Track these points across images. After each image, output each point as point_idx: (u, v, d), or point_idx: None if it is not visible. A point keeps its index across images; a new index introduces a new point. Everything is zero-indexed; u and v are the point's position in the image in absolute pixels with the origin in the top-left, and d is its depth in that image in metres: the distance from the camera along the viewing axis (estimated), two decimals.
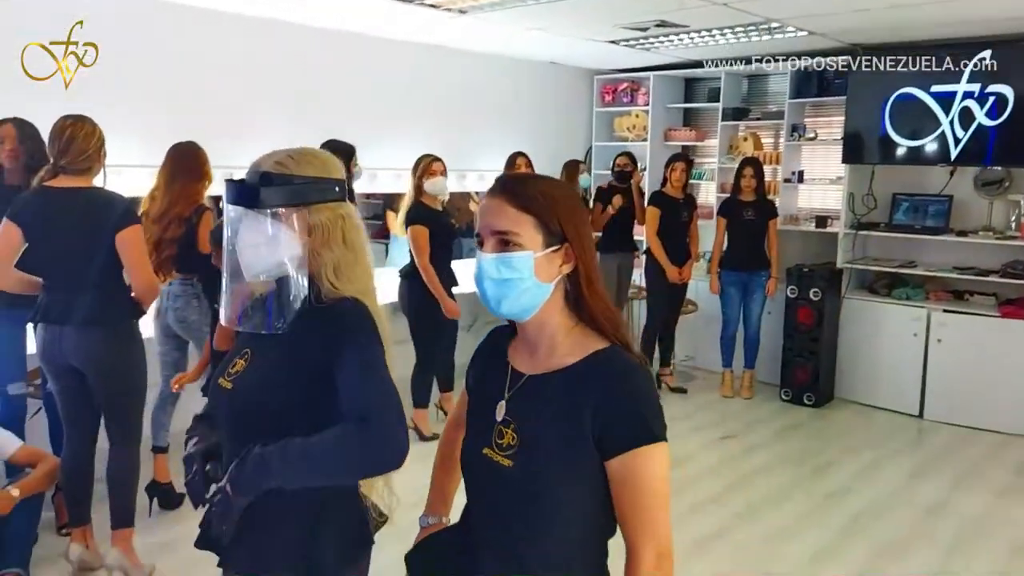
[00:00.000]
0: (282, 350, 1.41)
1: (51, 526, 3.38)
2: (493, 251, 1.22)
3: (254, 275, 1.40)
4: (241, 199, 1.38)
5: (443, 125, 5.53)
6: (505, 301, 1.22)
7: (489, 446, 1.25)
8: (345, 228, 1.43)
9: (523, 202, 1.21)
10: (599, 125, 6.80)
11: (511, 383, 1.29)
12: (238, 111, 4.47)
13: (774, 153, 6.00)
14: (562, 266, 1.23)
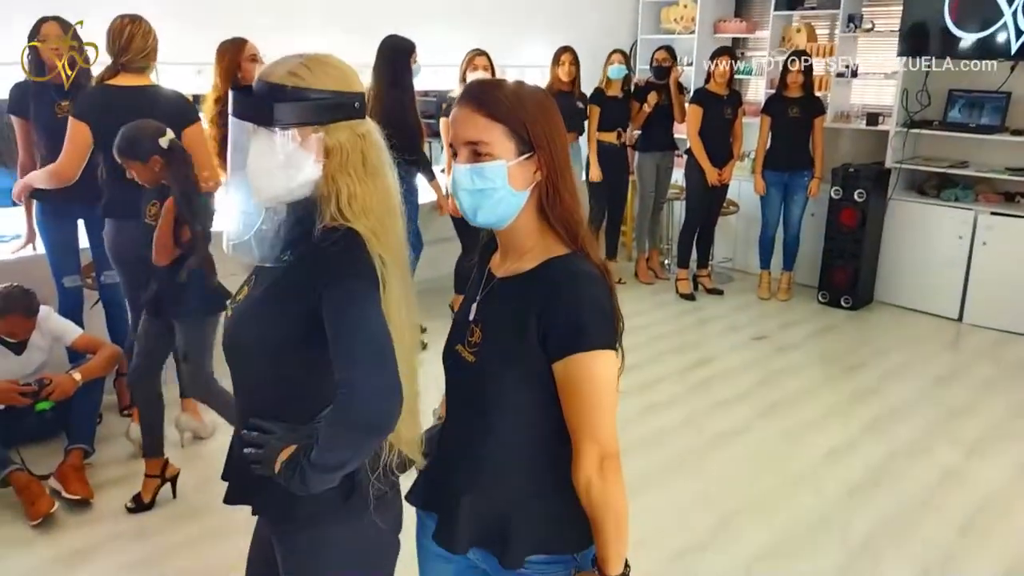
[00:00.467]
0: (274, 282, 1.30)
1: (114, 408, 3.68)
2: (466, 162, 1.22)
3: (262, 202, 1.26)
4: (250, 114, 1.23)
5: (482, 18, 5.41)
6: (481, 211, 1.24)
7: (461, 343, 1.32)
8: (365, 149, 1.26)
9: (492, 110, 1.20)
10: (645, 17, 6.56)
11: (484, 285, 1.34)
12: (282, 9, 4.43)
13: (828, 45, 5.75)
14: (536, 172, 1.23)
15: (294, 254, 1.28)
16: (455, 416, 1.38)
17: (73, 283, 3.53)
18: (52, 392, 3.00)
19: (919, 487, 3.19)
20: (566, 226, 1.26)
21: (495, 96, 1.22)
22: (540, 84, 5.34)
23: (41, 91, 3.27)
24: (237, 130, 1.26)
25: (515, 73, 5.77)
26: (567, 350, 1.20)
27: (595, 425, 1.22)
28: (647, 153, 5.57)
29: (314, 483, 1.22)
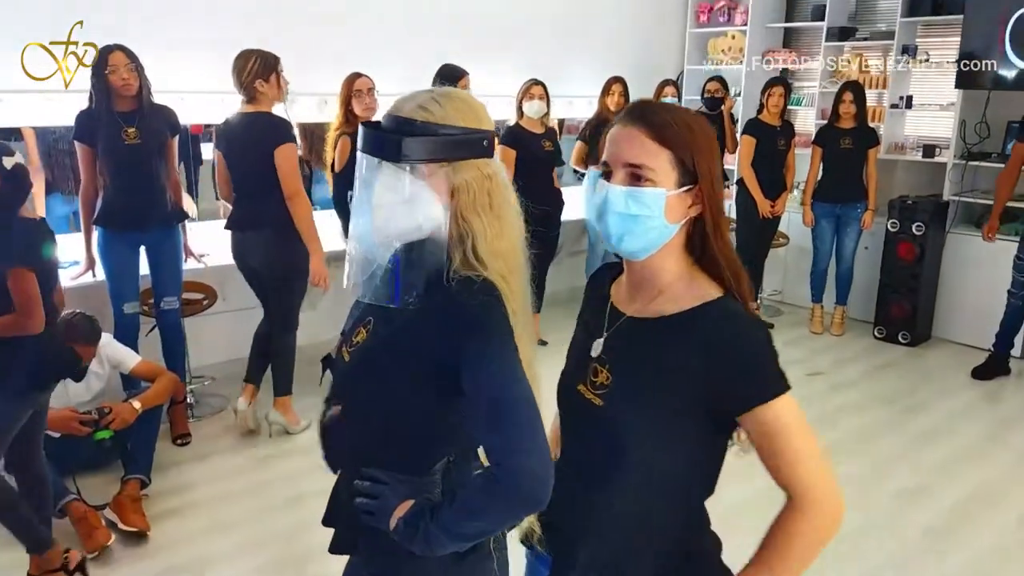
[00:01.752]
0: (402, 328, 1.20)
1: (166, 437, 3.65)
2: (623, 183, 1.15)
3: (386, 239, 1.17)
4: (377, 148, 1.15)
5: (530, 49, 5.40)
6: (628, 237, 1.16)
7: (584, 382, 1.24)
8: (491, 189, 1.18)
9: (662, 135, 1.14)
10: (692, 47, 6.54)
11: (610, 321, 1.25)
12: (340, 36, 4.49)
13: (881, 76, 5.67)
14: (691, 207, 1.17)
15: (422, 301, 1.17)
16: (573, 459, 1.28)
17: (133, 309, 3.54)
18: (112, 421, 2.98)
19: (998, 533, 3.05)
20: (723, 267, 1.19)
21: (666, 120, 1.15)
22: (588, 115, 5.36)
23: (109, 118, 3.30)
24: (364, 165, 1.18)
25: (563, 104, 5.77)
26: (752, 402, 1.12)
27: (798, 474, 1.14)
28: None
29: (442, 546, 1.14)
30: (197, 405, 3.97)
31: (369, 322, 1.27)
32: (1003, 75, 4.85)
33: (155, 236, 3.54)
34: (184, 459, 3.51)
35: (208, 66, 4.04)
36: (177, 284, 3.66)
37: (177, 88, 3.84)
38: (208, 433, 3.75)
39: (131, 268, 3.53)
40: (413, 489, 1.19)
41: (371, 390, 1.22)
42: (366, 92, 4.00)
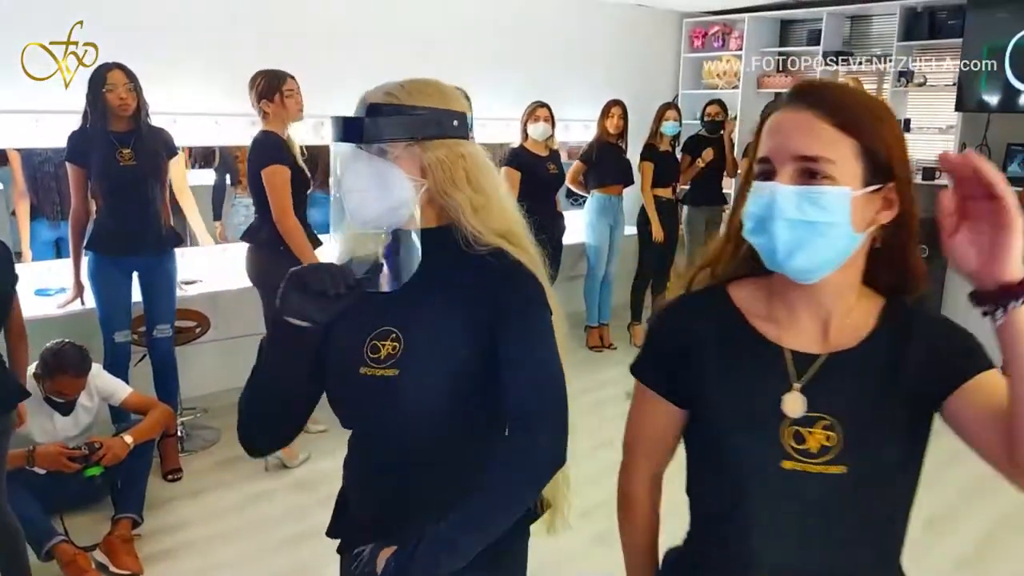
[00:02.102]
0: (449, 314, 1.15)
1: (158, 471, 3.47)
2: (794, 182, 0.90)
3: (361, 224, 1.15)
4: (345, 133, 1.14)
5: (526, 73, 5.37)
6: (801, 251, 0.90)
7: (788, 457, 0.95)
8: (467, 168, 1.16)
9: (844, 118, 0.90)
10: (687, 72, 6.53)
11: (797, 366, 0.98)
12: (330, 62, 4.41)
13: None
14: (879, 212, 0.93)
15: (453, 278, 1.16)
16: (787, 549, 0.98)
17: (125, 338, 3.38)
18: (103, 457, 2.81)
19: None
20: (911, 288, 0.99)
21: (848, 101, 0.91)
22: (584, 138, 5.30)
23: (104, 138, 3.17)
24: (336, 157, 1.17)
25: (559, 128, 5.70)
26: (975, 370, 0.94)
27: None
28: (697, 207, 5.46)
29: (470, 549, 1.08)
30: (188, 438, 3.79)
31: (389, 332, 1.18)
32: (1003, 97, 4.85)
33: (149, 261, 3.39)
34: (176, 496, 3.33)
35: (202, 87, 3.95)
36: (171, 311, 3.50)
37: (170, 110, 3.73)
38: (200, 467, 3.58)
39: (123, 295, 3.37)
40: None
41: (436, 396, 1.14)
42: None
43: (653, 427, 1.10)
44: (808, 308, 0.99)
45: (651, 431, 1.11)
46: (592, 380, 4.83)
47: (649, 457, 1.13)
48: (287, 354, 1.16)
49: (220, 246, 4.31)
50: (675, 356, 1.04)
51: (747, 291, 1.03)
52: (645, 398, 1.09)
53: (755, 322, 1.01)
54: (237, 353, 4.12)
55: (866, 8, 5.70)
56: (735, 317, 1.02)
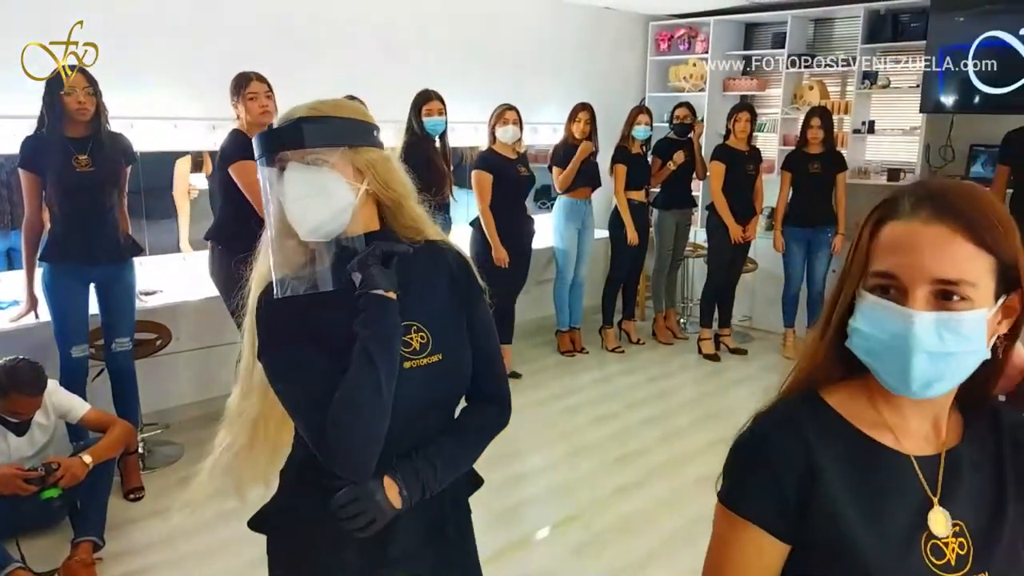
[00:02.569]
0: (442, 303, 1.32)
1: (119, 491, 3.34)
2: (931, 308, 0.82)
3: (309, 231, 1.20)
4: (281, 143, 1.19)
5: (492, 76, 5.32)
6: (939, 384, 0.84)
7: (935, 567, 0.87)
8: (393, 169, 1.28)
9: (982, 235, 0.82)
10: (653, 75, 6.53)
11: (927, 476, 0.90)
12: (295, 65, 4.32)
13: (842, 102, 5.72)
14: (1000, 322, 0.87)
15: (430, 269, 1.31)
16: None
17: (82, 352, 3.23)
18: (61, 478, 2.68)
19: None
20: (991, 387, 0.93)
21: (984, 213, 0.83)
22: (553, 140, 5.26)
23: (59, 144, 3.04)
24: (267, 177, 1.22)
25: (528, 131, 5.66)
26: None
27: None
28: (667, 211, 5.45)
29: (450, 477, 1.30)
30: (150, 455, 3.65)
31: (410, 328, 1.27)
32: (966, 99, 4.91)
33: (106, 272, 3.26)
34: (138, 516, 3.20)
35: (160, 91, 3.83)
36: (130, 324, 3.38)
37: (127, 114, 3.60)
38: (163, 486, 3.45)
39: (80, 307, 3.24)
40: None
41: (462, 378, 1.33)
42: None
43: (748, 572, 0.92)
44: (920, 414, 0.91)
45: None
46: (564, 385, 4.79)
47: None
48: (395, 334, 1.22)
49: (180, 255, 4.18)
50: (789, 479, 0.88)
51: (846, 397, 0.92)
52: (742, 536, 0.91)
53: (870, 431, 0.91)
54: (200, 365, 4.00)
55: (830, 11, 5.74)
56: (847, 428, 0.91)
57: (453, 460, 1.30)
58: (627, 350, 5.44)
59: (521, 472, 3.69)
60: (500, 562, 2.94)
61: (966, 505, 0.89)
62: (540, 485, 3.61)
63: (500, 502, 3.33)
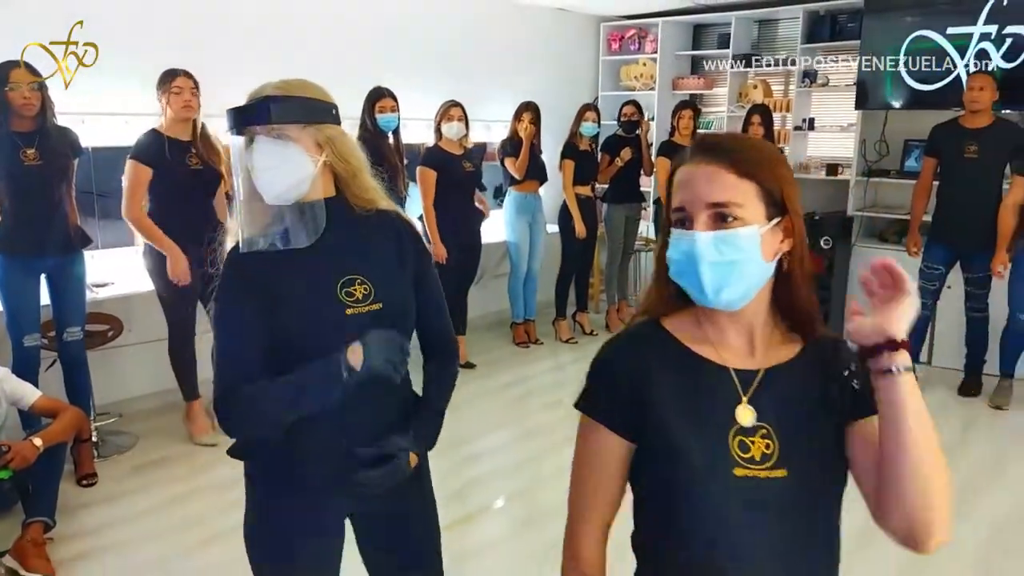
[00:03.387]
0: (389, 261, 1.48)
1: (69, 478, 3.39)
2: (709, 228, 1.01)
3: (274, 198, 1.38)
4: (250, 119, 1.36)
5: (448, 73, 5.43)
6: (726, 288, 1.02)
7: (738, 465, 1.03)
8: (349, 144, 1.45)
9: (743, 167, 1.02)
10: (605, 74, 6.70)
11: (742, 382, 1.07)
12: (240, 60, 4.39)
13: (784, 100, 5.93)
14: (782, 242, 1.05)
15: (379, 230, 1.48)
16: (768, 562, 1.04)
17: (34, 342, 3.30)
18: (11, 460, 2.75)
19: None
20: (810, 310, 1.08)
21: (746, 150, 1.04)
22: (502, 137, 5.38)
23: (6, 138, 3.11)
24: (237, 148, 1.39)
25: (481, 128, 5.79)
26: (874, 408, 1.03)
27: None
28: (616, 205, 5.60)
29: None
30: (103, 444, 3.71)
31: (355, 280, 1.44)
32: (899, 96, 5.13)
33: (57, 263, 3.33)
34: (91, 501, 3.27)
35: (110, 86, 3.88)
36: (81, 314, 3.44)
37: (77, 109, 3.66)
38: (115, 473, 3.51)
39: (32, 297, 3.30)
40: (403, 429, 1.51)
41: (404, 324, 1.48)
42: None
43: (604, 467, 1.10)
44: (735, 328, 1.08)
45: (602, 473, 1.11)
46: (517, 375, 4.92)
47: (600, 508, 1.12)
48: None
49: (133, 247, 4.24)
50: (627, 387, 1.08)
51: (678, 321, 1.11)
52: (595, 437, 1.10)
53: (694, 347, 1.09)
54: (153, 357, 4.05)
55: (773, 12, 5.95)
56: (676, 345, 1.09)
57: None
58: (580, 341, 5.58)
59: (472, 453, 3.80)
60: (451, 534, 3.05)
61: (776, 411, 1.05)
62: (490, 465, 3.73)
63: (452, 481, 3.45)
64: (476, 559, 2.86)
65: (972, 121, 4.30)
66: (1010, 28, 4.67)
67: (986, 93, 4.23)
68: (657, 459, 1.07)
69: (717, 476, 1.03)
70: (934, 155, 4.47)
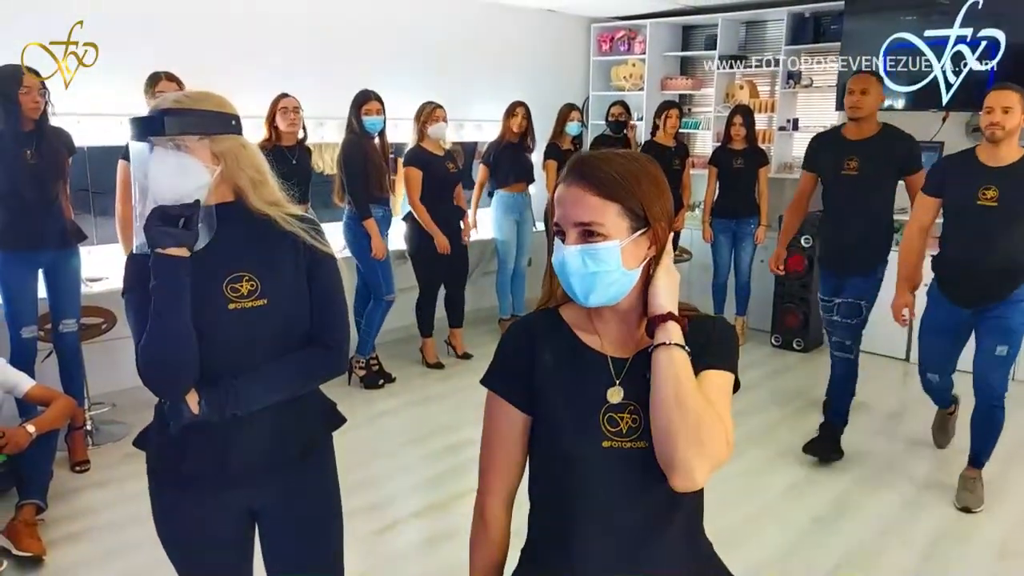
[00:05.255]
0: (284, 261, 1.54)
1: (64, 464, 3.55)
2: (576, 243, 1.16)
3: (168, 203, 1.44)
4: (147, 131, 1.44)
5: (440, 74, 5.56)
6: (593, 294, 1.18)
7: (606, 438, 1.19)
8: (251, 155, 1.53)
9: (605, 189, 1.15)
10: (596, 74, 6.81)
11: (615, 367, 1.23)
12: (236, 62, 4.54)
13: (770, 101, 6.03)
14: (649, 248, 1.19)
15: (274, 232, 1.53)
16: (607, 516, 1.21)
17: (31, 334, 3.46)
18: (5, 446, 2.90)
19: (880, 517, 3.26)
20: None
21: (608, 174, 1.16)
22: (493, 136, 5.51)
23: (11, 139, 3.28)
24: (137, 153, 1.46)
25: (473, 127, 5.92)
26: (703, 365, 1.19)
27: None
28: None
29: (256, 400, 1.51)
30: (97, 432, 3.87)
31: (242, 277, 1.51)
32: None
33: (53, 257, 3.49)
34: (83, 486, 3.43)
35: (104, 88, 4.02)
36: (75, 306, 3.60)
37: (73, 110, 3.81)
38: (108, 461, 3.67)
39: (29, 291, 3.47)
40: None
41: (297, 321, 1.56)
42: (291, 110, 4.23)
43: (505, 436, 1.27)
44: (615, 320, 1.25)
45: (503, 441, 1.28)
46: None
47: (503, 473, 1.29)
48: (183, 291, 1.43)
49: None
50: (522, 366, 1.25)
51: (573, 312, 1.27)
52: (497, 409, 1.28)
53: (582, 335, 1.26)
54: None
55: (760, 14, 6.05)
56: (566, 331, 1.27)
57: (265, 379, 1.51)
58: None
59: (454, 442, 3.95)
60: (424, 520, 3.21)
61: (641, 390, 1.19)
62: (471, 453, 3.86)
63: (432, 467, 3.60)
64: (450, 542, 2.99)
65: (854, 131, 3.66)
66: (985, 31, 4.77)
67: (869, 97, 3.56)
68: (542, 429, 1.25)
69: (588, 446, 1.20)
70: (812, 170, 3.89)
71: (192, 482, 1.56)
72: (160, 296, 1.42)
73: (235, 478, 1.56)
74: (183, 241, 1.42)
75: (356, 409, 4.16)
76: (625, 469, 1.19)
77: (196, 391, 1.46)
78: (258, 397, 1.51)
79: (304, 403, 1.63)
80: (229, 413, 1.48)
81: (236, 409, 1.48)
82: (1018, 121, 3.07)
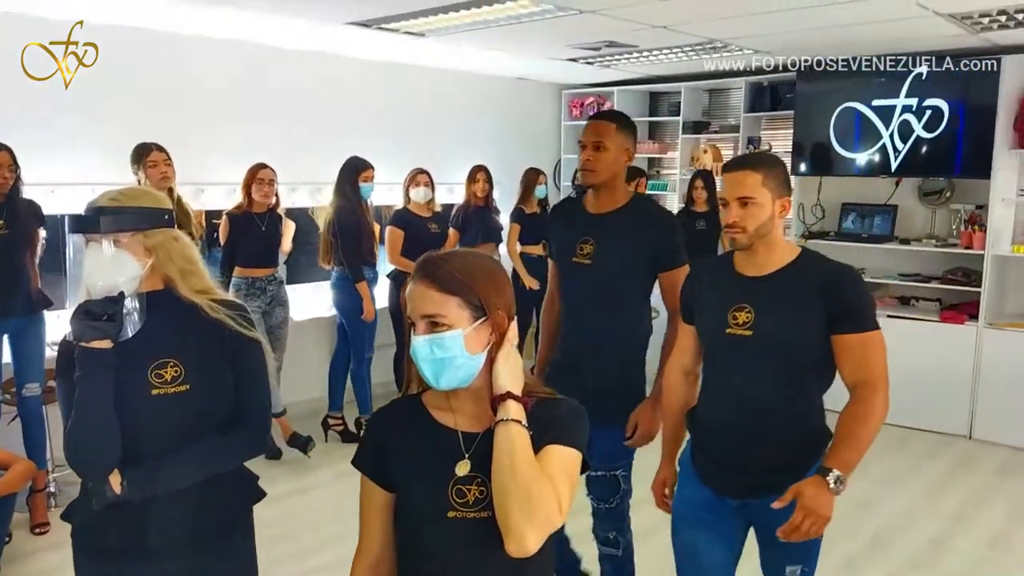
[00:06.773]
0: (208, 347, 1.65)
1: (25, 526, 3.60)
2: (424, 333, 1.29)
3: (98, 294, 1.53)
4: (83, 227, 1.56)
5: (414, 139, 5.77)
6: (443, 378, 1.29)
7: (453, 508, 1.30)
8: (182, 248, 1.66)
9: (445, 285, 1.28)
10: (568, 138, 7.03)
11: (466, 443, 1.34)
12: (212, 132, 4.72)
13: None
14: (491, 334, 1.31)
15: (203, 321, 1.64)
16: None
17: None
18: None
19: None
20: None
21: (447, 271, 1.30)
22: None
23: None
24: (73, 244, 1.59)
25: (445, 191, 6.08)
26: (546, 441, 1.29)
27: None
28: None
29: (183, 480, 1.61)
30: (59, 494, 3.92)
31: (167, 361, 1.62)
32: (833, 164, 5.43)
33: (19, 323, 3.60)
34: (40, 547, 3.47)
35: (80, 159, 4.19)
36: (40, 370, 3.69)
37: (46, 180, 3.96)
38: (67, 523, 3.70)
39: None
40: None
41: (219, 404, 1.67)
42: (267, 182, 4.38)
43: (370, 510, 1.40)
44: (469, 399, 1.36)
45: (368, 514, 1.40)
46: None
47: (369, 541, 1.41)
48: (105, 380, 1.53)
49: None
50: (382, 450, 1.38)
51: (432, 394, 1.39)
52: (365, 486, 1.41)
53: (437, 415, 1.38)
54: None
55: (722, 83, 6.29)
56: (423, 414, 1.39)
57: (186, 460, 1.61)
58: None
59: None
60: None
61: (489, 463, 1.28)
62: None
63: None
64: None
65: (594, 202, 2.54)
66: (929, 100, 4.98)
67: (608, 155, 2.43)
68: (399, 503, 1.37)
69: (436, 518, 1.31)
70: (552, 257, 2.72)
71: (114, 555, 1.64)
72: (83, 386, 1.52)
73: (155, 552, 1.63)
74: (107, 334, 1.51)
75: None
76: (469, 537, 1.29)
77: (119, 472, 1.55)
78: (179, 478, 1.60)
79: (225, 478, 1.70)
80: (150, 493, 1.57)
81: (157, 490, 1.57)
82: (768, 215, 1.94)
